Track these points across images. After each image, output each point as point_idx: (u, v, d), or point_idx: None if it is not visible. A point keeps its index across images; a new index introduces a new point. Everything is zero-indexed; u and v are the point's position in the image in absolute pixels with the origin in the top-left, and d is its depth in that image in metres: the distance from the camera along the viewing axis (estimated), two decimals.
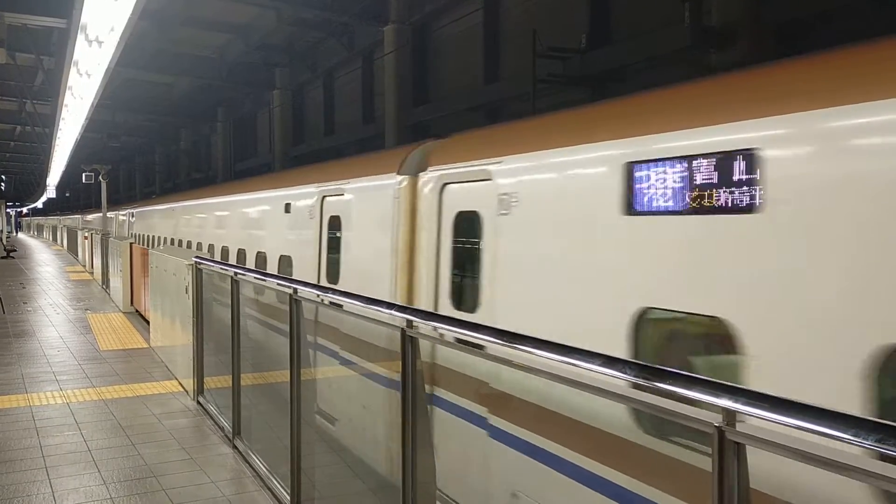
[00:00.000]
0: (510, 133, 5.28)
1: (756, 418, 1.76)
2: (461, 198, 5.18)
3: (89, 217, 47.67)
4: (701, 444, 3.06)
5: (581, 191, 4.01)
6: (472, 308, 4.92)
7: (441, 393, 4.87)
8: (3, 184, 71.47)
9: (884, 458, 1.47)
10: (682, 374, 2.02)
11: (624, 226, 3.64)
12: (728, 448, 1.80)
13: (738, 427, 1.80)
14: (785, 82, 3.17)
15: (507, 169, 4.64)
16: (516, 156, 4.59)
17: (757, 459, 1.81)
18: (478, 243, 4.83)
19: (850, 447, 1.55)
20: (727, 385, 1.86)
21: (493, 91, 14.43)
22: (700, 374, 2.08)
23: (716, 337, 3.15)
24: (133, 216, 26.22)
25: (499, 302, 4.60)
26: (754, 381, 2.90)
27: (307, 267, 7.77)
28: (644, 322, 3.50)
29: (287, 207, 8.73)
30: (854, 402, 2.56)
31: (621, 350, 3.52)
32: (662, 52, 10.00)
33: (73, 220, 50.06)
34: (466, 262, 5.09)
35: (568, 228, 4.06)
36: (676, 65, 9.69)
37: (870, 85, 2.73)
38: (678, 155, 3.34)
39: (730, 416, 1.81)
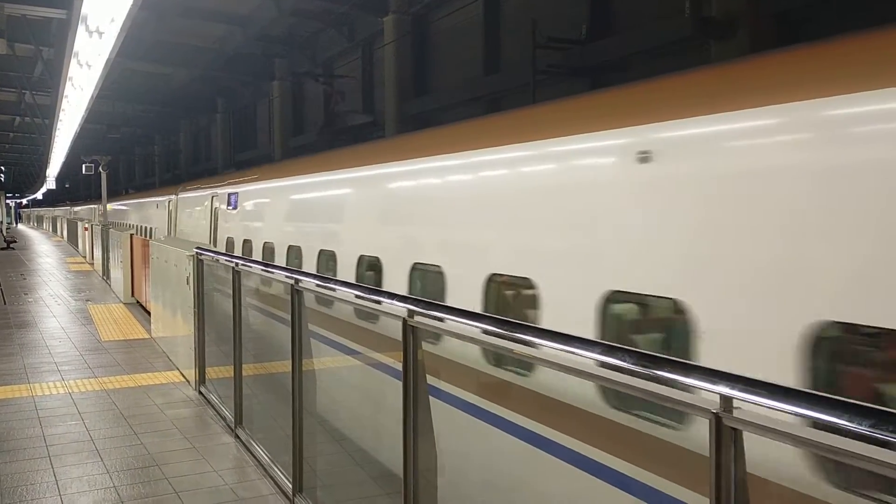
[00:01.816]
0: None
1: (752, 404, 1.79)
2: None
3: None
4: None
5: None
6: None
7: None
8: (2, 175, 71.42)
9: (877, 442, 1.50)
10: (680, 362, 2.05)
11: None
12: (725, 434, 1.83)
13: (735, 413, 1.83)
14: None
15: None
16: None
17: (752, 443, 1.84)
18: None
19: (846, 432, 1.58)
20: (724, 372, 1.89)
21: (492, 82, 14.42)
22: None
23: None
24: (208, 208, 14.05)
25: None
26: None
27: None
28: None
29: None
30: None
31: None
32: (663, 42, 10.00)
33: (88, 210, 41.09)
34: None
35: None
36: (677, 55, 9.69)
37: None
38: None
39: (727, 402, 1.84)
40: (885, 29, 2.92)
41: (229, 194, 12.47)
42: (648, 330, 3.87)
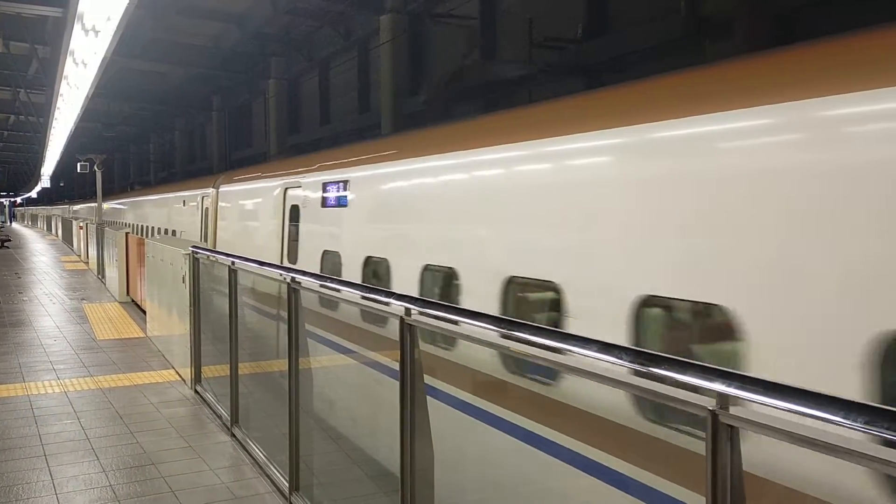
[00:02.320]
0: None
1: (749, 402, 1.80)
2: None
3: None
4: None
5: None
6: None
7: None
8: None
9: (872, 439, 1.51)
10: (677, 360, 2.06)
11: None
12: (722, 431, 1.84)
13: (732, 410, 1.84)
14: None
15: None
16: None
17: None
18: None
19: (841, 430, 1.59)
20: (721, 370, 1.90)
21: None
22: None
23: None
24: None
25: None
26: None
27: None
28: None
29: None
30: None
31: None
32: (659, 41, 10.02)
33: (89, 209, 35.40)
34: None
35: None
36: (673, 55, 9.70)
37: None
38: None
39: (723, 399, 1.85)
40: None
41: (327, 184, 7.75)
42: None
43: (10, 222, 78.87)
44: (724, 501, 1.85)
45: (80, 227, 26.54)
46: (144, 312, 12.10)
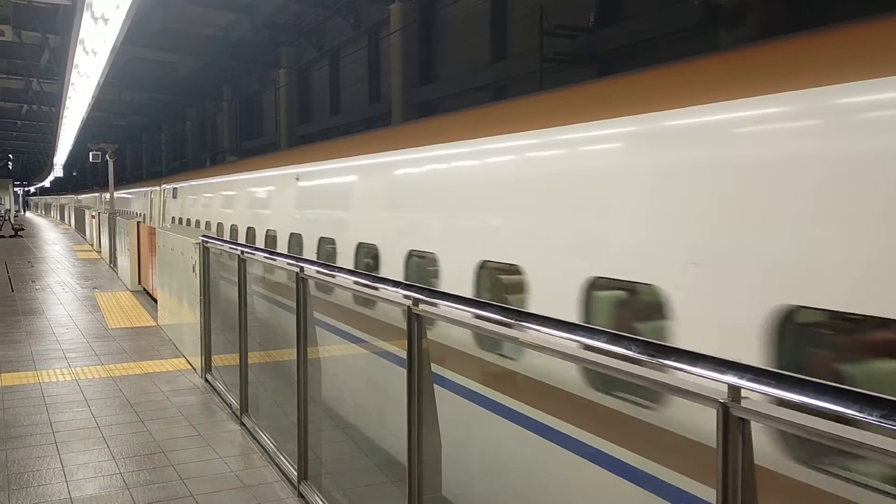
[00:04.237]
0: None
1: (761, 394, 1.77)
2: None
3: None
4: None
5: None
6: None
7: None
8: (10, 163, 71.63)
9: (887, 433, 1.47)
10: (687, 351, 2.03)
11: None
12: (733, 424, 1.81)
13: (743, 403, 1.80)
14: None
15: None
16: None
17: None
18: None
19: (854, 423, 1.55)
20: (732, 361, 1.86)
21: (499, 70, 14.34)
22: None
23: None
24: None
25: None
26: None
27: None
28: None
29: None
30: None
31: None
32: (672, 29, 9.91)
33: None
34: None
35: None
36: (686, 42, 9.60)
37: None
38: None
39: (735, 392, 1.81)
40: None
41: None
42: None
43: (24, 211, 79.43)
44: (735, 494, 1.82)
45: (93, 217, 26.66)
46: (155, 301, 12.16)
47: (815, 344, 2.91)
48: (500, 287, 4.69)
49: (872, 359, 2.77)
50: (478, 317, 3.02)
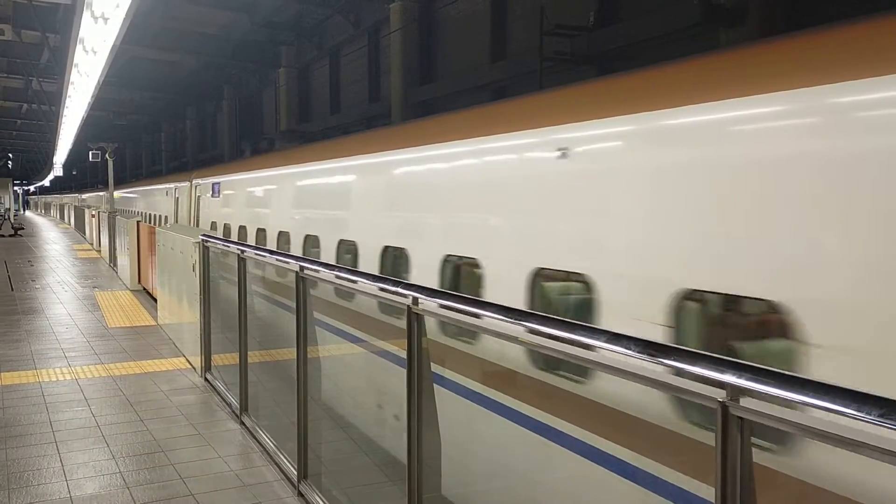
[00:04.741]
0: None
1: (760, 394, 1.77)
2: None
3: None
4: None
5: None
6: None
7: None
8: (10, 162, 71.60)
9: (887, 432, 1.47)
10: (687, 351, 2.03)
11: None
12: (732, 423, 1.81)
13: (742, 402, 1.80)
14: None
15: None
16: None
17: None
18: None
19: (853, 422, 1.56)
20: (732, 361, 1.87)
21: (499, 69, 14.34)
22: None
23: None
24: None
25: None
26: None
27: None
28: None
29: None
30: None
31: None
32: (671, 29, 9.92)
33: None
34: None
35: None
36: (685, 42, 9.60)
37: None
38: None
39: (734, 391, 1.82)
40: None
41: None
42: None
43: (24, 210, 79.40)
44: (734, 494, 1.82)
45: (92, 216, 26.63)
46: (155, 301, 12.16)
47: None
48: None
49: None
50: (478, 316, 3.03)
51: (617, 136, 3.93)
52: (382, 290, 3.81)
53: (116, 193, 25.34)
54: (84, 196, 46.16)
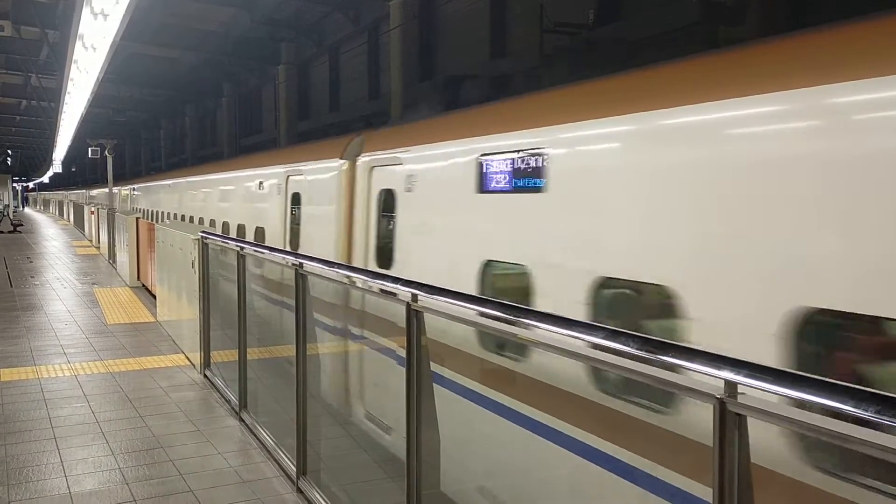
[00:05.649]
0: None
1: (758, 390, 1.77)
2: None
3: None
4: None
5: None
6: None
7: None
8: (9, 159, 71.51)
9: (882, 428, 1.48)
10: (684, 347, 2.04)
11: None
12: (729, 419, 1.82)
13: (739, 398, 1.81)
14: None
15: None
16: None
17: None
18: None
19: (850, 418, 1.56)
20: (729, 357, 1.87)
21: (499, 66, 14.32)
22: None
23: None
24: None
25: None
26: None
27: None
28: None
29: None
30: None
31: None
32: (671, 27, 9.91)
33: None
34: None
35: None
36: (685, 40, 9.60)
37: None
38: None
39: (731, 387, 1.82)
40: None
41: None
42: None
43: (23, 207, 79.28)
44: (732, 490, 1.83)
45: (92, 213, 26.59)
46: (155, 297, 12.16)
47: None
48: None
49: None
50: (478, 313, 3.03)
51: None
52: (381, 289, 3.82)
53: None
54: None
